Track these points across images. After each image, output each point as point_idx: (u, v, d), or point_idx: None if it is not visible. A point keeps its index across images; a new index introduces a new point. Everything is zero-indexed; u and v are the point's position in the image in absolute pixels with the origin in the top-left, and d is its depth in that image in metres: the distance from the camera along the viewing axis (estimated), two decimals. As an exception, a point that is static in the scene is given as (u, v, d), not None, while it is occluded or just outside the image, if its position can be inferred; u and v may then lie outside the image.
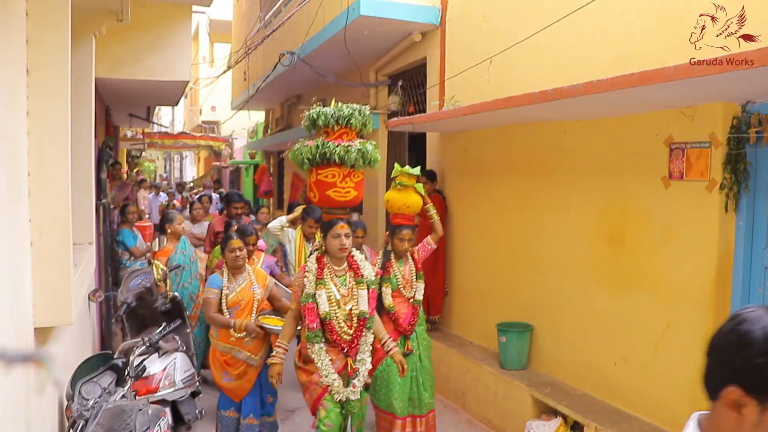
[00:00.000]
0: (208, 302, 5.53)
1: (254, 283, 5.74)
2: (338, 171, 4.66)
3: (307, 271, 4.67)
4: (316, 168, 4.71)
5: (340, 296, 4.61)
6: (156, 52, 7.00)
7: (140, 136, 18.34)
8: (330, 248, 4.63)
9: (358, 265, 4.78)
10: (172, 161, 43.43)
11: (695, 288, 4.80)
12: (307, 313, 4.57)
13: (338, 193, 4.70)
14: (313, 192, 4.82)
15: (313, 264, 4.66)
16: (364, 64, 9.89)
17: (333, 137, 4.71)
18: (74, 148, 4.33)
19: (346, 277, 4.70)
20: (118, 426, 3.31)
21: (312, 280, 4.61)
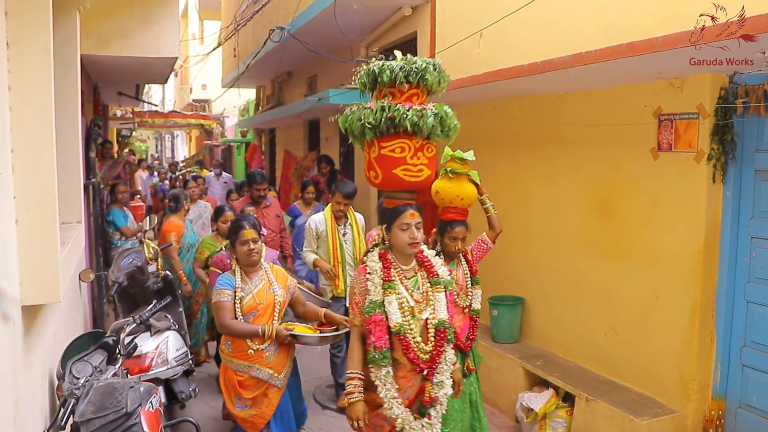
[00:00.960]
0: (221, 307, 4.43)
1: (274, 283, 4.64)
2: (408, 143, 3.59)
3: (369, 272, 3.68)
4: (378, 139, 3.62)
5: (414, 303, 3.65)
6: (143, 28, 6.91)
7: (130, 115, 18.21)
8: (397, 243, 3.66)
9: (431, 262, 3.83)
10: (163, 141, 43.23)
11: (683, 258, 4.82)
12: (374, 326, 3.58)
13: (408, 172, 3.64)
14: (374, 170, 3.74)
15: (377, 263, 3.68)
16: (354, 40, 9.82)
17: (400, 99, 3.63)
18: (60, 125, 4.30)
19: (417, 278, 3.75)
20: (109, 403, 3.31)
21: (378, 283, 3.62)
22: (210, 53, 16.03)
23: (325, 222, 6.28)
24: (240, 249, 4.59)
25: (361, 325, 3.70)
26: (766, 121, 4.45)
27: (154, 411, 3.76)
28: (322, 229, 6.25)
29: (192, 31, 28.05)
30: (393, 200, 3.77)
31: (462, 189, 4.64)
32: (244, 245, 4.56)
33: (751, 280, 4.67)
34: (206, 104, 29.48)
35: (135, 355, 4.77)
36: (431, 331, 3.66)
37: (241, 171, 21.79)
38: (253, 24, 13.02)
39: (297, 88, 14.55)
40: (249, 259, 4.57)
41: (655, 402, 5.03)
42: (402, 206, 3.66)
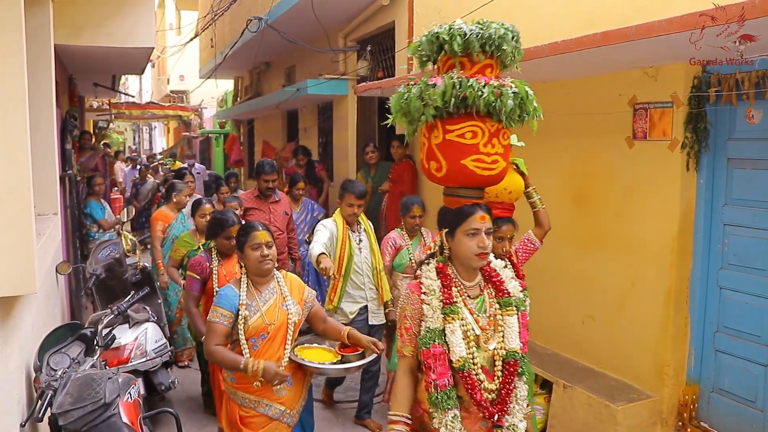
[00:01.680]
0: (211, 329, 3.62)
1: (287, 297, 3.77)
2: (482, 127, 2.86)
3: (425, 292, 2.94)
4: (443, 122, 2.89)
5: (480, 330, 2.93)
6: (118, 17, 6.85)
7: (106, 106, 18.04)
8: (461, 253, 2.92)
9: (500, 277, 3.08)
10: (141, 132, 42.85)
11: (658, 245, 4.88)
12: (433, 361, 2.84)
13: (480, 164, 2.90)
14: (435, 160, 2.97)
15: (433, 280, 2.95)
16: (332, 30, 9.80)
17: (470, 72, 2.91)
18: (34, 116, 4.26)
19: (483, 297, 3.02)
20: (87, 395, 3.30)
21: (437, 306, 2.89)
22: (187, 44, 15.91)
23: (337, 228, 5.45)
24: (251, 255, 3.73)
25: (411, 356, 2.98)
26: (738, 110, 4.51)
27: (132, 402, 3.77)
28: (335, 234, 5.44)
29: (169, 21, 27.81)
30: (456, 199, 3.02)
31: (510, 180, 3.97)
32: (257, 250, 3.70)
33: (724, 266, 4.74)
34: (184, 95, 29.26)
35: (113, 347, 4.77)
36: (498, 364, 2.92)
37: (220, 162, 21.69)
38: (231, 14, 12.95)
39: (275, 78, 14.50)
40: (261, 268, 3.72)
41: (631, 387, 5.10)
42: (469, 207, 2.93)
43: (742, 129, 4.54)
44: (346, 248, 5.44)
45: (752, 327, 4.55)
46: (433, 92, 2.85)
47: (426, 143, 3.03)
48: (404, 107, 3.00)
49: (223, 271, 4.89)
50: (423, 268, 3.04)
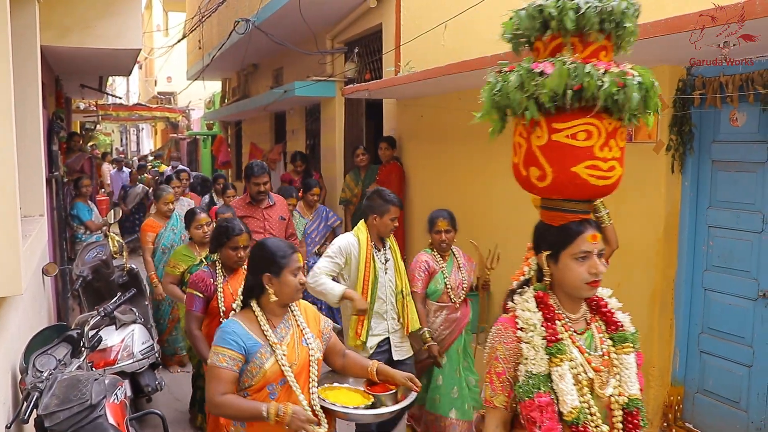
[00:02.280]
0: (216, 377, 2.89)
1: (305, 330, 3.12)
2: (598, 125, 2.28)
3: (522, 327, 2.38)
4: (549, 119, 2.30)
5: (593, 372, 2.39)
6: (105, 18, 6.83)
7: (93, 108, 17.98)
8: (569, 280, 2.39)
9: (608, 307, 2.55)
10: (128, 134, 42.67)
11: (644, 247, 4.92)
12: (539, 414, 2.29)
13: (595, 172, 2.30)
14: (538, 167, 2.38)
15: (533, 312, 2.39)
16: (319, 32, 9.81)
17: (583, 57, 2.31)
18: (21, 117, 4.26)
19: (592, 332, 2.48)
20: (73, 396, 3.30)
21: (540, 345, 2.33)
22: (174, 45, 15.86)
23: (360, 246, 4.70)
24: (289, 282, 3.02)
25: (504, 407, 2.40)
26: (723, 113, 4.55)
27: (119, 403, 3.77)
28: (355, 254, 4.70)
29: (156, 23, 27.73)
30: (560, 214, 2.43)
31: None
32: (296, 275, 3.04)
33: (709, 268, 4.78)
34: (171, 97, 29.17)
35: (100, 348, 4.75)
36: (618, 414, 2.39)
37: (208, 164, 21.64)
38: (218, 16, 12.94)
39: (263, 80, 14.49)
40: (297, 297, 3.12)
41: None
42: (577, 225, 2.38)
43: (726, 132, 4.59)
44: (371, 270, 4.69)
45: (736, 328, 4.59)
46: (542, 82, 2.23)
47: (524, 145, 2.43)
48: (500, 101, 2.38)
49: (229, 289, 4.33)
50: (516, 299, 2.47)
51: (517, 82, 2.30)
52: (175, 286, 5.60)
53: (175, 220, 7.18)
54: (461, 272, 5.03)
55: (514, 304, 2.48)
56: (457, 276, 5.00)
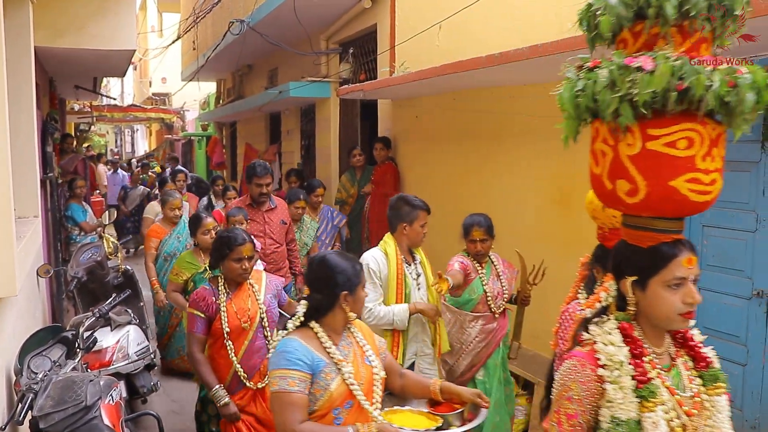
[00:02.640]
0: (290, 404, 2.59)
1: (367, 348, 2.88)
2: (700, 132, 1.94)
3: (603, 365, 2.03)
4: (644, 123, 1.93)
5: (686, 417, 2.07)
6: (99, 19, 6.81)
7: (88, 109, 17.94)
8: (659, 311, 2.05)
9: (695, 339, 2.24)
10: (123, 135, 42.59)
11: (639, 247, 4.92)
12: None
13: (697, 186, 1.96)
14: (628, 180, 1.99)
15: (618, 346, 2.04)
16: (314, 32, 9.80)
17: (683, 50, 1.95)
18: (14, 118, 4.24)
19: (678, 369, 2.16)
20: (68, 397, 3.29)
21: (628, 386, 2.00)
22: (169, 46, 15.84)
23: (390, 262, 4.26)
24: (361, 298, 2.87)
25: None
26: (717, 112, 4.56)
27: (114, 404, 3.76)
28: (384, 273, 4.24)
29: (151, 24, 27.67)
30: (649, 233, 2.04)
31: None
32: (358, 300, 2.84)
33: (703, 267, 4.79)
34: (166, 98, 29.11)
35: (95, 349, 4.74)
36: None
37: (203, 165, 21.62)
38: (213, 16, 12.92)
39: (257, 81, 14.48)
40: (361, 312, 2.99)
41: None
42: (670, 246, 2.02)
43: (720, 131, 4.59)
44: (403, 287, 4.26)
45: (731, 327, 4.60)
46: (642, 79, 1.85)
47: (609, 154, 2.03)
48: (584, 102, 2.00)
49: (233, 307, 3.97)
50: (594, 330, 2.11)
51: (607, 81, 1.92)
52: (178, 294, 5.37)
53: (182, 227, 6.90)
54: (500, 280, 4.72)
55: (590, 336, 2.11)
56: (495, 285, 4.68)
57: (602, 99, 1.93)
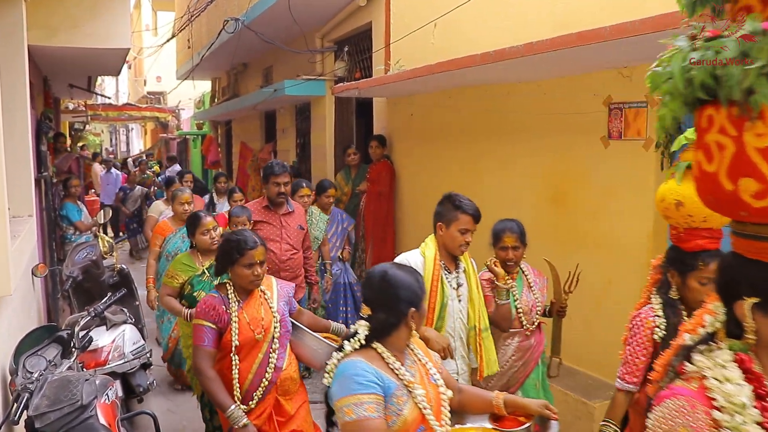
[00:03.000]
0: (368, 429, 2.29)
1: (429, 366, 2.64)
2: None
3: (718, 407, 1.63)
4: None
5: None
6: (94, 18, 6.80)
7: (82, 108, 17.90)
8: None
9: None
10: (117, 134, 42.51)
11: (634, 244, 4.94)
12: None
13: None
14: (755, 177, 1.51)
15: (737, 385, 1.64)
16: (309, 30, 9.80)
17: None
18: (8, 117, 4.23)
19: None
20: (64, 397, 3.28)
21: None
22: (163, 45, 15.80)
23: (426, 267, 3.79)
24: (425, 312, 2.84)
25: None
26: (711, 109, 4.56)
27: (110, 403, 3.75)
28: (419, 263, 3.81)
29: (145, 22, 27.62)
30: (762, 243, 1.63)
31: None
32: (423, 315, 2.68)
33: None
34: (161, 97, 29.07)
35: (91, 349, 4.73)
36: None
37: (198, 164, 21.58)
38: (207, 15, 12.89)
39: (252, 79, 14.47)
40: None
41: (607, 385, 5.14)
42: None
43: (714, 128, 4.59)
44: (438, 296, 3.78)
45: (726, 323, 4.60)
46: None
47: (729, 147, 1.60)
48: (699, 77, 1.56)
49: (245, 317, 3.64)
50: (702, 361, 1.73)
51: (736, 51, 1.49)
52: (172, 298, 4.88)
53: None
54: (533, 292, 4.29)
55: (697, 368, 1.74)
56: (528, 297, 4.26)
57: (729, 73, 1.51)
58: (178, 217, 6.57)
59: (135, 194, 13.85)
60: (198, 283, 4.80)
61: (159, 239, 6.50)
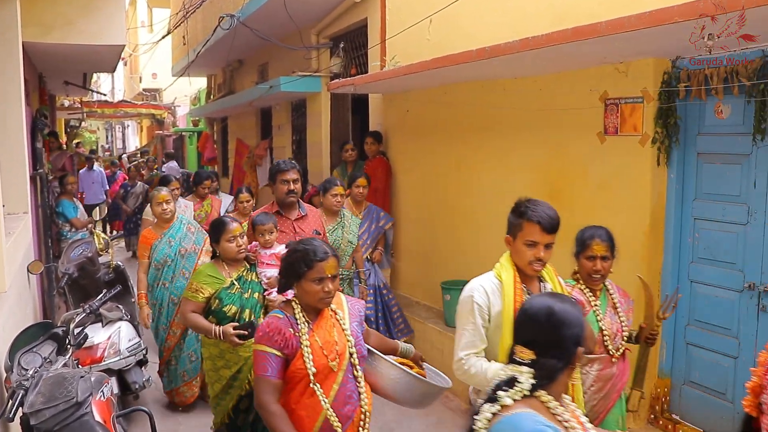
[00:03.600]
0: None
1: (578, 412, 2.30)
2: None
3: None
4: None
5: None
6: (88, 14, 6.78)
7: (78, 105, 17.84)
8: None
9: None
10: (113, 131, 42.43)
11: (630, 241, 4.92)
12: None
13: None
14: None
15: None
16: (305, 27, 9.78)
17: None
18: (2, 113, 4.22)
19: None
20: (59, 393, 3.27)
21: None
22: (159, 41, 15.77)
23: (505, 293, 3.15)
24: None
25: None
26: (708, 105, 4.57)
27: (105, 400, 3.75)
28: (496, 309, 3.14)
29: (141, 19, 27.55)
30: None
31: None
32: (573, 368, 2.26)
33: (695, 260, 4.80)
34: (157, 93, 29.01)
35: (86, 346, 4.73)
36: None
37: (194, 161, 21.55)
38: (203, 11, 12.86)
39: (248, 76, 14.44)
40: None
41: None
42: None
43: (711, 124, 4.60)
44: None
45: (722, 320, 4.61)
46: None
47: None
48: None
49: (317, 341, 3.08)
50: None
51: None
52: (197, 315, 4.26)
53: (177, 229, 5.95)
54: (618, 314, 3.71)
55: None
56: (613, 319, 3.69)
57: None
58: (160, 220, 5.95)
59: (136, 191, 13.43)
60: (227, 296, 4.27)
61: (146, 249, 5.85)
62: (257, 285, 4.42)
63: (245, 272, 4.44)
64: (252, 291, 4.33)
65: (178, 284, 5.78)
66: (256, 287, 4.39)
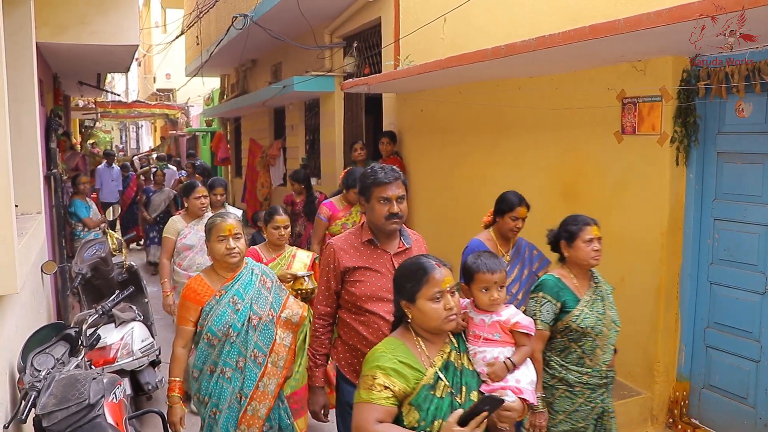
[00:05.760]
0: None
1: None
2: None
3: None
4: None
5: None
6: (102, 15, 6.77)
7: (92, 105, 17.90)
8: None
9: None
10: (128, 131, 42.64)
11: (648, 241, 4.87)
12: None
13: None
14: None
15: None
16: (318, 26, 9.76)
17: None
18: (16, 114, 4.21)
19: None
20: (71, 395, 3.25)
21: None
22: (173, 42, 15.80)
23: None
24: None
25: None
26: (728, 103, 4.49)
27: (117, 402, 3.72)
28: None
29: (155, 20, 27.66)
30: None
31: None
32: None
33: (715, 261, 4.73)
34: (170, 94, 29.09)
35: (99, 346, 4.71)
36: None
37: (207, 161, 21.57)
38: (216, 11, 12.88)
39: (261, 76, 14.44)
40: None
41: (621, 384, 5.08)
42: None
43: (731, 122, 4.53)
44: None
45: (743, 323, 4.53)
46: None
47: None
48: None
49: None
50: None
51: None
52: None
53: (247, 282, 4.27)
54: None
55: None
56: None
57: None
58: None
59: (159, 198, 11.66)
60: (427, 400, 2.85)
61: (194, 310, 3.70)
62: (472, 377, 2.57)
63: (452, 353, 2.55)
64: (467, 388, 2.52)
65: (249, 373, 3.71)
66: (471, 382, 2.55)
